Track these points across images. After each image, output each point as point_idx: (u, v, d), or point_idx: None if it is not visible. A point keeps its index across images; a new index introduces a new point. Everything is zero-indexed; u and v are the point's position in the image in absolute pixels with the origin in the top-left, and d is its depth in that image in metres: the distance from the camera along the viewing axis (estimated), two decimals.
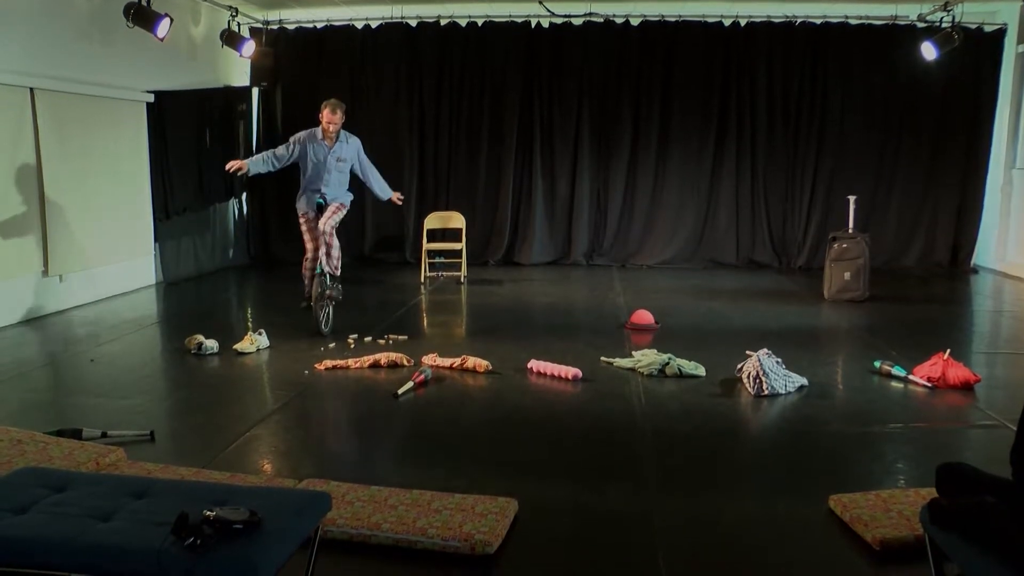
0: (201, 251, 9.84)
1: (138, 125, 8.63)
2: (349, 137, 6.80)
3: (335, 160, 6.69)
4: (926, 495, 3.02)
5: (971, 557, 2.29)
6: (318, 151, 6.66)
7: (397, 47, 10.60)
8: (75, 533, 2.30)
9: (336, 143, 6.69)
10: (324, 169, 6.67)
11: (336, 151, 6.70)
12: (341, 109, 6.62)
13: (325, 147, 6.67)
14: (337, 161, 6.71)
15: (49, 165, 7.25)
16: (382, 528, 3.13)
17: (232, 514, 2.27)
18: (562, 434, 4.52)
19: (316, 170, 6.69)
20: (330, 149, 6.67)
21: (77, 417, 4.56)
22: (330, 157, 6.68)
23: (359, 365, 5.68)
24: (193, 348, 6.02)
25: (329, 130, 6.62)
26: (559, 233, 10.83)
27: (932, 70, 9.79)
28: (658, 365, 5.52)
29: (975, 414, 4.82)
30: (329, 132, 6.64)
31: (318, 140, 6.66)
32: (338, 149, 6.70)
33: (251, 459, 4.10)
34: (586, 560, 3.09)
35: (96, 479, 2.77)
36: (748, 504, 3.56)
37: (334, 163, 6.69)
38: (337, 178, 6.75)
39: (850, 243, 8.17)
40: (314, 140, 6.68)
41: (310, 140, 6.68)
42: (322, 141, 6.67)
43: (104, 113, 8.04)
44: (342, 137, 6.73)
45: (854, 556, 3.09)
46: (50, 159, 7.25)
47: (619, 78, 10.49)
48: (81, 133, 7.72)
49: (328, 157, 6.67)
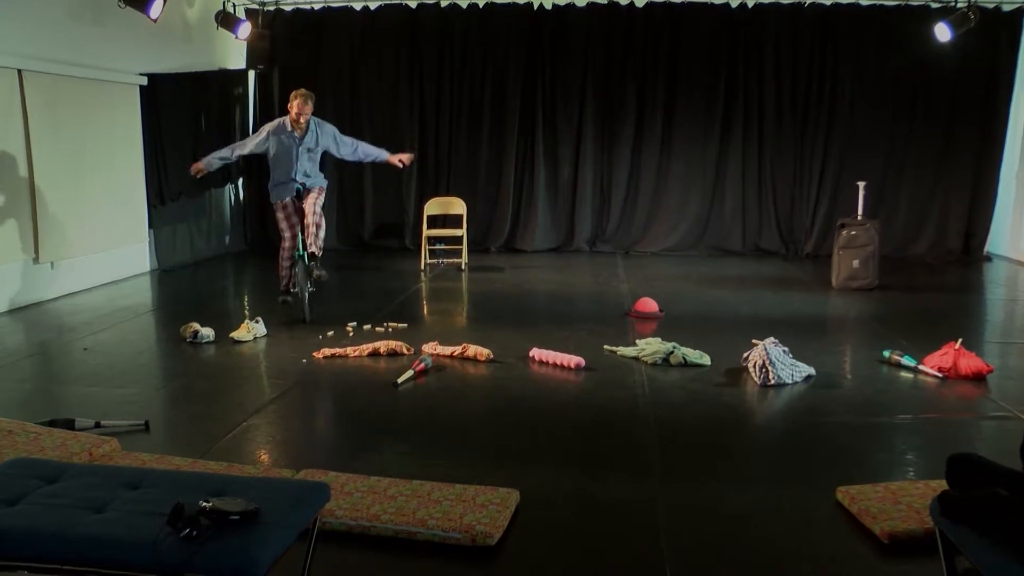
0: (197, 237, 9.83)
1: (131, 108, 8.60)
2: (321, 124, 6.81)
3: (305, 150, 6.70)
4: (936, 487, 3.02)
5: (983, 550, 2.29)
6: (287, 141, 6.65)
7: (397, 29, 10.55)
8: (68, 524, 2.30)
9: (307, 134, 6.68)
10: (294, 158, 6.66)
11: (307, 142, 6.69)
12: (311, 100, 6.64)
13: (295, 137, 6.66)
14: (308, 151, 6.71)
15: (39, 149, 7.23)
16: (381, 519, 3.14)
17: (229, 505, 2.27)
18: (564, 424, 4.52)
19: (287, 160, 6.67)
20: (300, 140, 6.66)
21: (70, 407, 4.56)
22: (301, 147, 6.67)
23: (358, 353, 5.68)
24: (189, 336, 6.01)
25: (300, 121, 6.63)
26: (562, 219, 10.81)
27: (946, 52, 9.66)
28: (662, 354, 5.52)
29: (987, 405, 4.81)
30: (300, 123, 6.64)
31: (287, 131, 6.66)
32: (308, 139, 6.70)
33: (248, 449, 4.10)
34: (589, 552, 3.09)
35: (89, 470, 2.77)
36: (753, 496, 3.56)
37: (305, 152, 6.70)
38: (309, 167, 6.75)
39: (859, 230, 8.15)
40: (283, 131, 6.67)
41: (279, 131, 6.68)
42: (292, 132, 6.66)
43: (96, 96, 8.01)
44: (312, 126, 6.71)
45: (862, 549, 3.09)
46: (40, 143, 7.23)
47: (623, 60, 10.43)
48: (72, 117, 7.70)
49: (299, 148, 6.66)
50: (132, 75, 8.51)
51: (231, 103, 10.50)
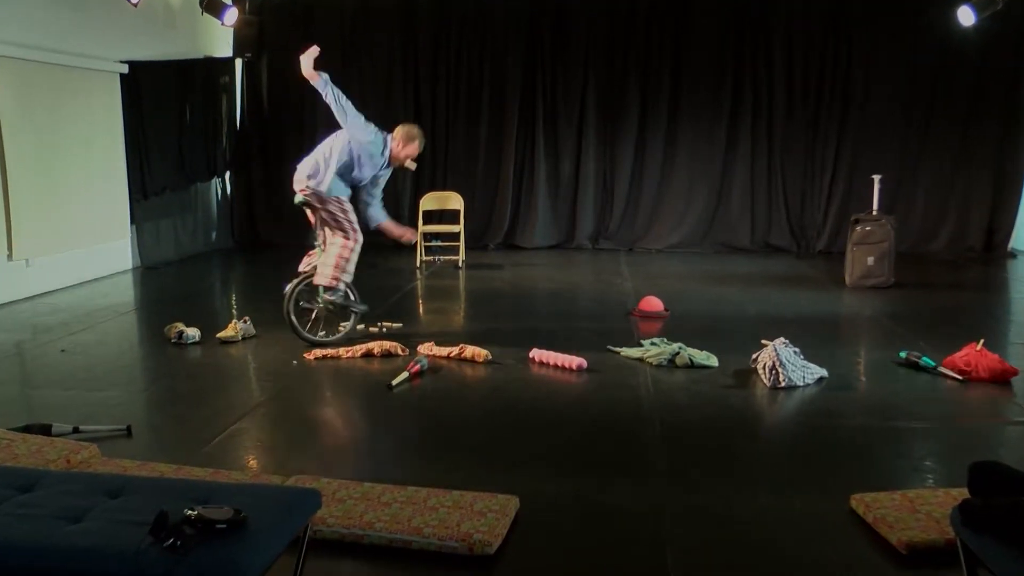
0: (182, 233, 9.83)
1: (111, 98, 8.59)
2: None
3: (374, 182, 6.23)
4: (957, 495, 3.00)
5: (1008, 563, 2.27)
6: (376, 161, 6.07)
7: (391, 16, 10.54)
8: (43, 536, 2.28)
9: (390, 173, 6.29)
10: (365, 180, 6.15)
11: (383, 176, 6.25)
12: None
13: (382, 167, 6.14)
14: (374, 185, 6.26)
15: (12, 140, 7.21)
16: (375, 527, 3.13)
17: (215, 513, 2.26)
18: (566, 427, 4.51)
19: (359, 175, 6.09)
20: (381, 170, 6.17)
21: (46, 412, 4.54)
22: (378, 176, 6.19)
23: (351, 354, 5.68)
24: (173, 337, 6.01)
25: (401, 158, 6.13)
26: (563, 215, 10.81)
27: (969, 36, 9.48)
28: (668, 355, 5.52)
29: (1012, 409, 4.80)
30: (399, 161, 6.15)
31: (382, 154, 6.08)
32: (384, 177, 6.28)
33: (236, 454, 4.10)
34: (591, 560, 3.08)
35: (67, 478, 2.76)
36: (763, 502, 3.55)
37: (372, 183, 6.22)
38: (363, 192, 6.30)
39: (874, 226, 8.14)
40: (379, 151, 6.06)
41: (377, 146, 6.04)
42: (387, 162, 6.13)
43: (74, 84, 7.99)
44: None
45: (878, 559, 3.08)
46: (13, 133, 7.21)
47: (626, 49, 10.42)
48: (48, 106, 7.68)
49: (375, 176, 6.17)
50: (112, 62, 8.50)
51: (217, 93, 10.49)
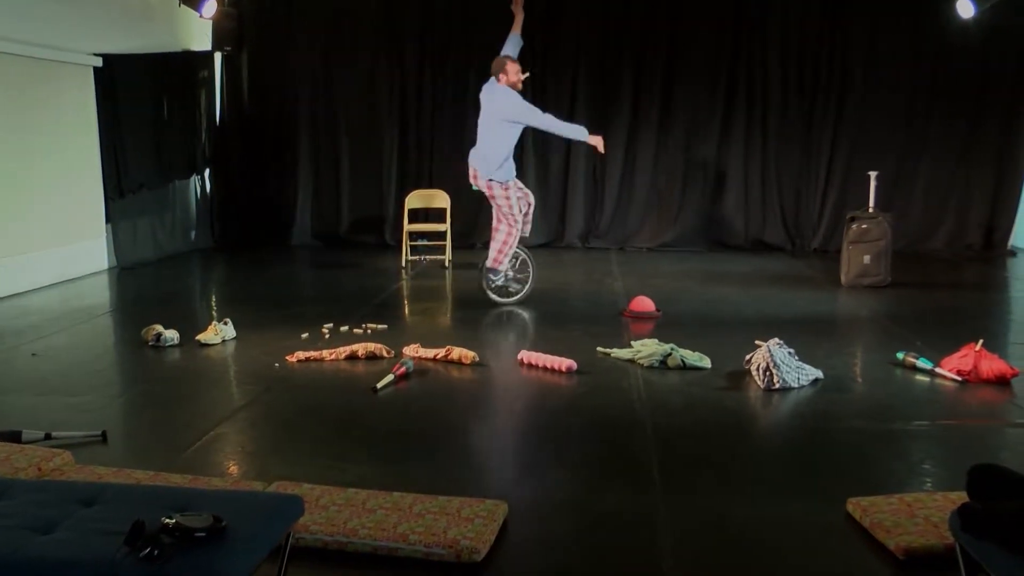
0: (160, 232, 9.77)
1: (85, 92, 8.54)
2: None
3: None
4: (956, 499, 3.01)
5: (1009, 569, 2.28)
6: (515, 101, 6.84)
7: (374, 9, 10.52)
8: (12, 548, 2.25)
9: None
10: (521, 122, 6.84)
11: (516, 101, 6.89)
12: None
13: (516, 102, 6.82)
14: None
15: None
16: (359, 534, 3.12)
17: (193, 521, 2.25)
18: (555, 431, 4.51)
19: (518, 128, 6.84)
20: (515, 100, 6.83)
21: (16, 418, 4.49)
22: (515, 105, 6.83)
23: (335, 357, 5.66)
24: (151, 339, 5.98)
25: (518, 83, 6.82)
26: (552, 213, 10.81)
27: (968, 29, 9.51)
28: (659, 356, 5.52)
29: (1012, 411, 4.82)
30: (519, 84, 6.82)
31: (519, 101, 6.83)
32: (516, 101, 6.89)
33: (215, 460, 4.08)
34: (582, 567, 3.08)
35: (38, 486, 2.73)
36: (758, 507, 3.56)
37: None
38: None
39: (870, 223, 8.18)
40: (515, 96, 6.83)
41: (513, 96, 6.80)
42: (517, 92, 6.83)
43: (44, 77, 7.94)
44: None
45: (876, 565, 3.09)
46: None
47: (618, 40, 10.43)
48: (16, 100, 7.63)
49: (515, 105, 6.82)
50: (85, 55, 8.45)
51: (196, 87, 10.44)
